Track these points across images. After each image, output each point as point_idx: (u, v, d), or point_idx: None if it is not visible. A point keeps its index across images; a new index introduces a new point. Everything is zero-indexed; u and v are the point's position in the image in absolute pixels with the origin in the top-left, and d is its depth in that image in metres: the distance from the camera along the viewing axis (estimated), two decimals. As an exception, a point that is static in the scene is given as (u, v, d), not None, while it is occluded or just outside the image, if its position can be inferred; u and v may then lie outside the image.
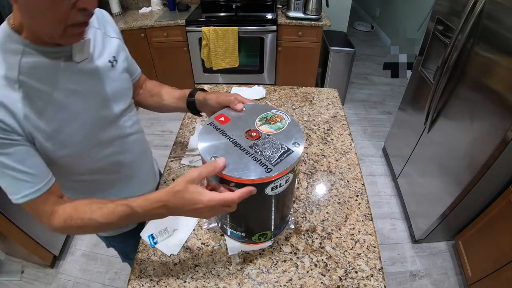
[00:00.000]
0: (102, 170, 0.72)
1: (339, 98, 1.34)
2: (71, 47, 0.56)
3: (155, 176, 0.98)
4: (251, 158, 0.54)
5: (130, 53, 0.83)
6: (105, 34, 0.68)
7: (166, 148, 2.49)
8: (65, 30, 0.48)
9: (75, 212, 0.58)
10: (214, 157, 0.54)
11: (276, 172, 0.52)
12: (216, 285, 0.69)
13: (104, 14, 0.71)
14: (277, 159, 0.54)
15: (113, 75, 0.68)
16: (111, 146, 0.71)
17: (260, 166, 0.53)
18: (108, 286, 1.60)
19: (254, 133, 0.60)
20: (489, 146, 1.17)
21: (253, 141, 0.58)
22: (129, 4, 2.79)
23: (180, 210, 0.53)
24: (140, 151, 0.83)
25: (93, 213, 0.57)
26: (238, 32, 2.33)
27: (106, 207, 0.57)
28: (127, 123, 0.75)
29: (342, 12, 2.88)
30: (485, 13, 1.18)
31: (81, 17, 0.48)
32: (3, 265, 1.65)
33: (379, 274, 0.71)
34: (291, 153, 0.56)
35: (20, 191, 0.54)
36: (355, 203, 0.87)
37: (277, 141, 0.58)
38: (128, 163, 0.78)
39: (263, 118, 0.64)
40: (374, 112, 2.90)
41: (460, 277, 1.60)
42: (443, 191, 1.50)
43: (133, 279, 0.71)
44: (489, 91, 1.19)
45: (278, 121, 0.63)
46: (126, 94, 0.74)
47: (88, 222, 0.57)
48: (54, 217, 0.58)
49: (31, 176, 0.54)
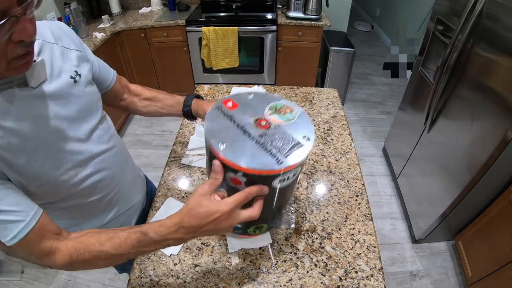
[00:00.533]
0: (82, 193, 0.67)
1: (339, 98, 1.34)
2: (24, 74, 0.52)
3: (142, 182, 0.95)
4: (261, 148, 0.52)
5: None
6: (63, 48, 0.63)
7: (166, 148, 2.49)
8: (9, 64, 0.45)
9: (80, 245, 0.53)
10: (221, 143, 0.50)
11: (287, 165, 0.50)
12: (216, 285, 0.69)
13: (61, 27, 0.65)
14: (288, 151, 0.52)
15: (77, 92, 0.63)
16: (87, 166, 0.66)
17: (271, 157, 0.50)
18: (108, 286, 1.60)
19: (264, 122, 0.57)
20: (489, 146, 1.17)
21: (263, 130, 0.55)
22: (129, 4, 2.79)
23: (198, 228, 0.50)
24: (120, 163, 0.78)
25: (102, 245, 0.53)
26: (238, 32, 2.33)
27: (117, 237, 0.53)
28: (103, 139, 0.70)
29: (342, 12, 2.88)
30: (485, 13, 1.18)
31: (21, 50, 0.45)
32: (3, 265, 1.65)
33: (379, 274, 0.71)
34: (301, 146, 0.53)
35: (8, 233, 0.50)
36: (355, 203, 0.87)
37: (287, 132, 0.56)
38: (109, 180, 0.73)
39: (273, 107, 0.61)
40: (374, 112, 2.90)
41: (460, 277, 1.60)
42: (443, 191, 1.50)
43: (133, 279, 0.71)
44: (489, 91, 1.19)
45: (288, 112, 0.61)
46: (95, 108, 0.69)
47: (97, 254, 0.53)
48: (57, 254, 0.54)
49: (15, 214, 0.50)
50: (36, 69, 0.53)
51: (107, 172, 0.71)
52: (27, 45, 0.45)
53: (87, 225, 0.65)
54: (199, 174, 0.98)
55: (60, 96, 0.59)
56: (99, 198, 0.72)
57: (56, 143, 0.58)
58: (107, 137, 0.72)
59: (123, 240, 0.52)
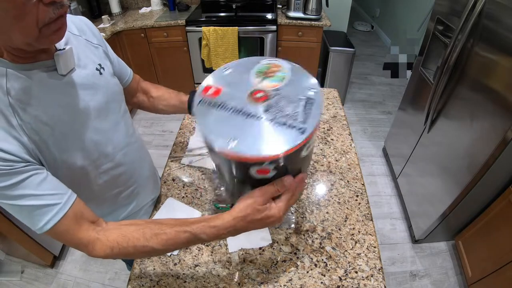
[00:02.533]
0: (104, 186, 0.68)
1: (339, 98, 1.34)
2: (53, 60, 0.52)
3: (158, 181, 0.96)
4: (275, 124, 0.43)
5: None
6: (86, 41, 0.64)
7: (166, 148, 2.49)
8: (41, 31, 0.44)
9: (124, 239, 0.54)
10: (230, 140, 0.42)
11: (311, 128, 0.43)
12: (216, 285, 0.69)
13: (84, 21, 0.67)
14: (303, 113, 0.44)
15: (104, 83, 0.64)
16: (112, 158, 0.67)
17: (290, 129, 0.43)
18: (108, 286, 1.60)
19: (260, 94, 0.48)
20: (489, 146, 1.17)
21: (264, 103, 0.46)
22: (129, 4, 2.79)
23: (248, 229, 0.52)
24: (140, 159, 0.80)
25: (148, 240, 0.53)
26: (238, 32, 2.33)
27: (164, 234, 0.53)
28: (127, 132, 0.72)
29: (342, 12, 2.88)
30: (485, 13, 1.18)
31: (52, 13, 0.43)
32: (3, 265, 1.65)
33: (379, 274, 0.71)
34: (313, 100, 0.46)
35: (42, 218, 0.50)
36: (355, 203, 0.87)
37: (290, 93, 0.48)
38: (130, 174, 0.74)
39: (259, 73, 0.52)
40: (374, 112, 2.90)
41: (460, 277, 1.60)
42: (443, 191, 1.50)
43: (133, 279, 0.71)
44: (489, 91, 1.19)
45: (277, 71, 0.52)
46: (119, 100, 0.70)
47: (141, 249, 0.54)
48: (96, 245, 0.54)
49: (50, 198, 0.50)
50: (66, 56, 0.54)
51: (129, 166, 0.73)
52: (58, 7, 0.44)
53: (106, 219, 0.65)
54: (199, 174, 0.98)
55: (88, 85, 0.60)
56: (119, 192, 0.73)
57: (84, 132, 0.59)
58: (131, 130, 0.74)
59: (170, 237, 0.53)
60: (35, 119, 0.50)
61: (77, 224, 0.53)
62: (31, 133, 0.50)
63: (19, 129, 0.48)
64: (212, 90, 0.50)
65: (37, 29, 0.43)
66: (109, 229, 0.56)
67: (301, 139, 0.42)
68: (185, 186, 0.94)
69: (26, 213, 0.50)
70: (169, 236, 0.53)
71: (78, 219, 0.53)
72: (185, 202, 0.89)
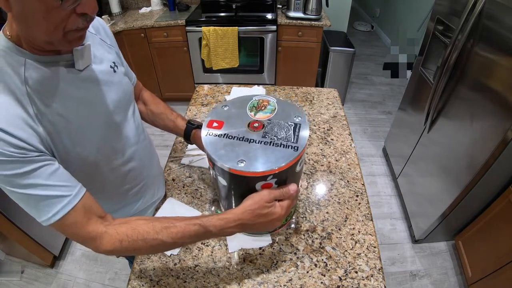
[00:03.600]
0: (113, 181, 0.69)
1: (339, 98, 1.34)
2: (71, 55, 0.54)
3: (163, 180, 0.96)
4: (273, 146, 0.56)
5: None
6: (101, 40, 0.66)
7: (166, 148, 2.48)
8: (65, 35, 0.46)
9: (133, 232, 0.54)
10: (241, 161, 0.53)
11: (302, 147, 0.55)
12: (216, 285, 0.69)
13: (99, 21, 0.68)
14: (293, 136, 0.57)
15: (118, 80, 0.66)
16: (123, 154, 0.68)
17: (286, 148, 0.55)
18: (108, 286, 1.60)
19: (257, 124, 0.60)
20: (489, 146, 1.17)
21: (261, 131, 0.59)
22: (129, 4, 2.79)
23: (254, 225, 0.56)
24: (149, 157, 0.81)
25: (158, 233, 0.54)
26: (238, 32, 2.32)
27: (174, 226, 0.54)
28: (138, 129, 0.73)
29: (342, 12, 2.88)
30: (485, 13, 1.18)
31: (81, 23, 0.46)
32: (3, 265, 1.65)
33: (379, 274, 0.71)
34: (299, 125, 0.59)
35: (50, 209, 0.49)
36: (355, 203, 0.87)
37: (281, 121, 0.60)
38: (139, 171, 0.75)
39: (251, 107, 0.64)
40: (374, 112, 2.90)
41: (460, 277, 1.60)
42: (443, 191, 1.50)
43: (133, 279, 0.71)
44: (489, 91, 1.19)
45: (267, 105, 0.65)
46: (130, 98, 0.73)
47: (151, 242, 0.54)
48: (104, 239, 0.53)
49: (60, 189, 0.50)
50: (84, 51, 0.55)
51: (138, 163, 0.74)
52: (88, 19, 0.47)
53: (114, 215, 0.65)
54: (199, 174, 0.98)
55: (103, 81, 0.61)
56: (128, 188, 0.75)
57: (98, 127, 0.60)
58: (141, 128, 0.76)
59: (180, 230, 0.54)
60: (51, 111, 0.51)
61: (86, 218, 0.53)
62: (46, 124, 0.50)
63: (35, 118, 0.49)
64: (215, 124, 0.62)
65: (62, 32, 0.45)
66: (117, 223, 0.56)
67: (296, 154, 0.54)
68: (185, 186, 0.94)
69: (34, 203, 0.49)
70: (179, 229, 0.54)
71: (87, 212, 0.53)
72: (185, 202, 0.89)
